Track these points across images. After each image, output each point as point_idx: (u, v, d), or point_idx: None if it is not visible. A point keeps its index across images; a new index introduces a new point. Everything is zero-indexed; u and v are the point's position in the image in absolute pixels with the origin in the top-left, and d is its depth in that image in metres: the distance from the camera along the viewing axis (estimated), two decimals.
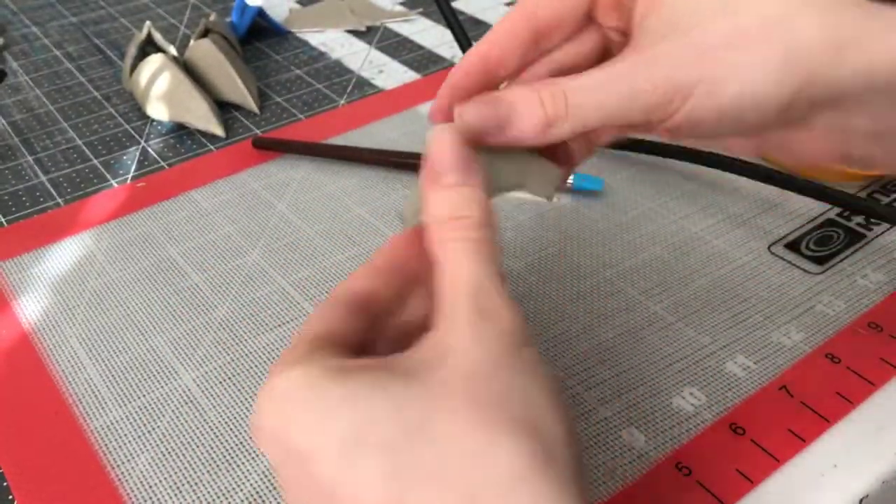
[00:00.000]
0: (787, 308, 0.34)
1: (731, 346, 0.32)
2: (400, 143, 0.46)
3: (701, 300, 0.35)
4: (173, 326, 0.34)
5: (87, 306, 0.36)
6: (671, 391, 0.31)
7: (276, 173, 0.44)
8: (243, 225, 0.40)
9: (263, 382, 0.21)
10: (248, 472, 0.28)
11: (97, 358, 0.33)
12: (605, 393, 0.31)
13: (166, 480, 0.28)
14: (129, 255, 0.38)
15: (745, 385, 0.31)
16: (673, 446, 0.29)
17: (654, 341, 0.33)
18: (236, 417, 0.30)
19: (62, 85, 0.55)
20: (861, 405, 0.30)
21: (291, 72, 0.55)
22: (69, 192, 0.44)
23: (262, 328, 0.34)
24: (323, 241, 0.39)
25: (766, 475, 0.27)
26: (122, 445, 0.29)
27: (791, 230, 0.38)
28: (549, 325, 0.34)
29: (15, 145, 0.48)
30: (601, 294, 0.35)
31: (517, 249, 0.38)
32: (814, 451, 0.28)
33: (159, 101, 0.48)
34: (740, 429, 0.29)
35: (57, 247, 0.39)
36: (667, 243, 0.38)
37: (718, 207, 0.40)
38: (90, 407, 0.31)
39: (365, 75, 0.54)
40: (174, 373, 0.32)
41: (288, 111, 0.50)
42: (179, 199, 0.42)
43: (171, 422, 0.30)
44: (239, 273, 0.37)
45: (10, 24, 0.64)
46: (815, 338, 0.33)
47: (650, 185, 0.42)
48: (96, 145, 0.48)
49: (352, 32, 0.61)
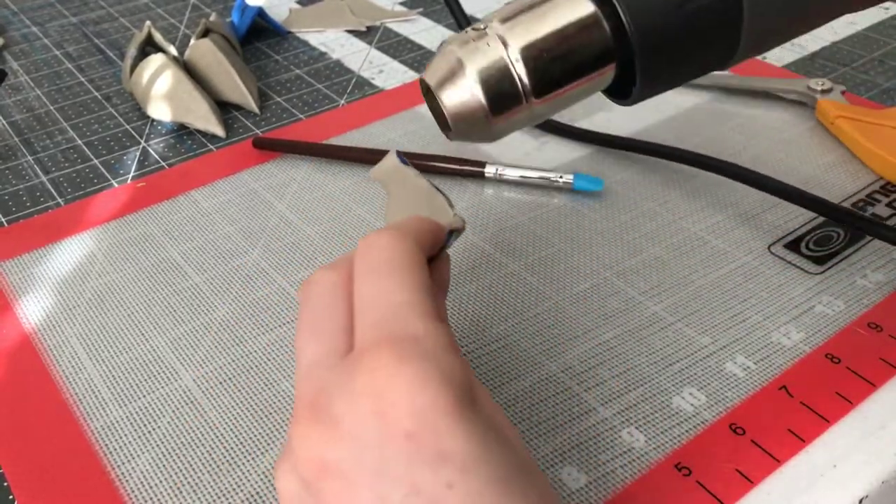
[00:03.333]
0: (786, 308, 0.34)
1: (731, 347, 0.32)
2: (400, 143, 0.46)
3: (701, 300, 0.35)
4: (174, 327, 0.34)
5: (87, 306, 0.36)
6: (671, 391, 0.31)
7: (276, 173, 0.44)
8: (243, 225, 0.40)
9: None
10: (248, 472, 0.28)
11: (97, 358, 0.33)
12: (605, 393, 0.31)
13: (166, 481, 0.28)
14: (130, 255, 0.39)
15: (744, 385, 0.31)
16: (673, 446, 0.29)
17: (653, 341, 0.33)
18: (237, 418, 0.30)
19: (62, 85, 0.55)
20: (861, 405, 0.30)
21: (291, 72, 0.55)
22: (69, 192, 0.44)
23: (262, 328, 0.34)
24: (323, 241, 0.39)
25: (766, 475, 0.27)
26: (122, 446, 0.30)
27: (791, 230, 0.38)
28: (548, 325, 0.34)
29: (15, 145, 0.48)
30: (601, 294, 0.35)
31: (517, 249, 0.38)
32: (814, 451, 0.28)
33: (160, 101, 0.48)
34: (740, 429, 0.29)
35: (57, 247, 0.39)
36: (667, 243, 0.38)
37: (718, 207, 0.40)
38: (90, 407, 0.31)
39: (365, 75, 0.54)
40: (175, 373, 0.32)
41: (288, 111, 0.50)
42: (179, 199, 0.42)
43: (172, 422, 0.30)
44: (239, 273, 0.37)
45: (10, 24, 0.64)
46: (814, 338, 0.33)
47: (650, 185, 0.42)
48: (96, 145, 0.48)
49: (352, 32, 0.61)
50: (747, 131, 0.46)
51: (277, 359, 0.33)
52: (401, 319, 0.21)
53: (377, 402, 0.19)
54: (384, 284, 0.22)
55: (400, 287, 0.22)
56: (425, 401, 0.19)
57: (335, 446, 0.19)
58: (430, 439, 0.19)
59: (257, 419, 0.30)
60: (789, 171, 0.42)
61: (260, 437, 0.30)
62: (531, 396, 0.31)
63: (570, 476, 0.28)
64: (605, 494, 0.27)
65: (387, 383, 0.19)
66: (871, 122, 0.43)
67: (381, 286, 0.22)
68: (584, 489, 0.27)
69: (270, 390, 0.31)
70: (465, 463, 0.19)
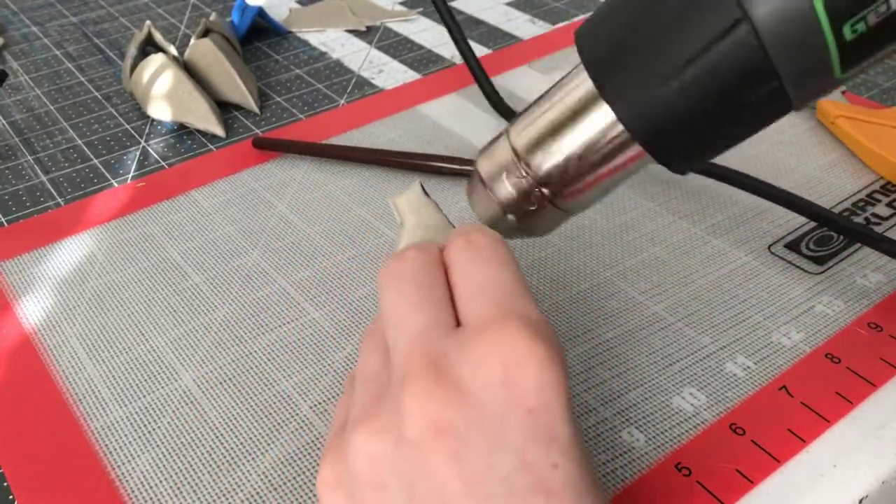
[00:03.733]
0: (786, 308, 0.34)
1: (731, 347, 0.32)
2: (400, 143, 0.46)
3: (701, 300, 0.35)
4: (174, 327, 0.34)
5: (87, 306, 0.36)
6: (671, 391, 0.31)
7: (276, 173, 0.44)
8: (243, 225, 0.40)
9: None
10: (248, 472, 0.28)
11: (98, 358, 0.33)
12: (605, 393, 0.31)
13: (167, 481, 0.28)
14: (130, 255, 0.39)
15: (744, 385, 0.31)
16: (673, 446, 0.29)
17: (653, 341, 0.33)
18: (237, 418, 0.30)
19: (62, 85, 0.55)
20: (861, 405, 0.30)
21: (291, 72, 0.55)
22: (69, 192, 0.44)
23: (262, 329, 0.34)
24: (323, 241, 0.39)
25: (766, 475, 0.27)
26: (122, 446, 0.30)
27: (791, 230, 0.38)
28: None
29: (15, 145, 0.48)
30: (601, 294, 0.35)
31: (517, 250, 0.38)
32: (813, 451, 0.28)
33: (160, 100, 0.48)
34: (740, 429, 0.29)
35: (57, 247, 0.39)
36: (667, 243, 0.38)
37: (718, 207, 0.40)
38: (90, 407, 0.31)
39: (365, 75, 0.54)
40: (175, 373, 0.32)
41: (288, 111, 0.50)
42: (180, 199, 0.42)
43: (172, 422, 0.30)
44: (239, 273, 0.37)
45: (10, 24, 0.64)
46: (814, 338, 0.33)
47: (650, 184, 0.42)
48: (96, 145, 0.48)
49: (352, 32, 0.61)
50: None
51: (277, 359, 0.33)
52: (520, 302, 0.21)
53: (507, 373, 0.20)
54: (494, 271, 0.22)
55: (512, 277, 0.22)
56: (550, 380, 0.20)
57: (456, 407, 0.19)
58: (547, 418, 0.19)
59: (257, 419, 0.30)
60: (789, 171, 0.42)
61: (260, 437, 0.30)
62: None
63: None
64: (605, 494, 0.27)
65: (519, 356, 0.20)
66: (871, 122, 0.43)
67: (491, 272, 0.22)
68: None
69: (270, 390, 0.31)
70: (569, 447, 0.19)
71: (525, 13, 0.63)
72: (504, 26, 0.61)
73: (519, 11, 0.63)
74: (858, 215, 0.39)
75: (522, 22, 0.61)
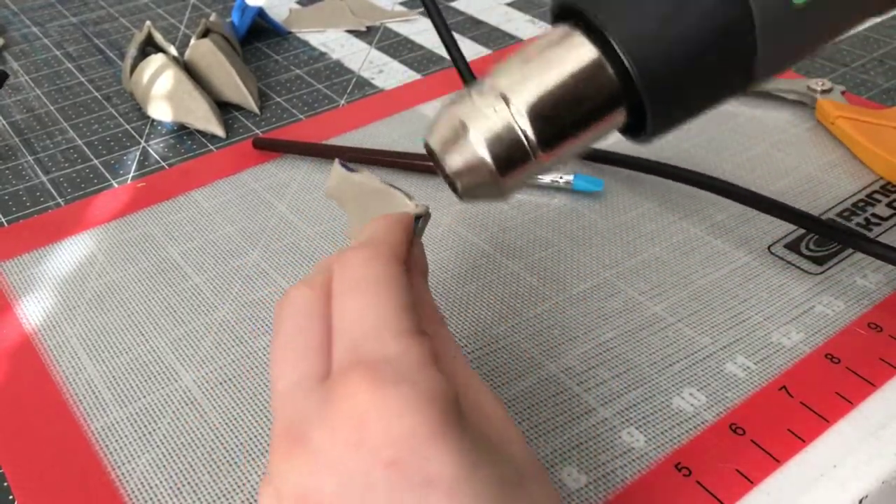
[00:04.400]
0: (786, 308, 0.34)
1: (731, 347, 0.32)
2: (400, 143, 0.46)
3: (701, 300, 0.35)
4: (174, 327, 0.34)
5: (87, 307, 0.36)
6: (671, 391, 0.31)
7: (276, 173, 0.44)
8: (244, 225, 0.40)
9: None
10: (248, 473, 0.28)
11: (98, 359, 0.33)
12: (605, 393, 0.31)
13: (167, 481, 0.28)
14: (130, 255, 0.39)
15: (744, 385, 0.31)
16: (673, 447, 0.29)
17: (653, 342, 0.33)
18: (237, 418, 0.30)
19: (62, 85, 0.55)
20: (861, 405, 0.30)
21: (291, 72, 0.55)
22: (69, 192, 0.44)
23: (262, 329, 0.34)
24: (323, 241, 0.39)
25: (765, 475, 0.27)
26: (122, 446, 0.30)
27: (791, 230, 0.38)
28: (548, 326, 0.34)
29: (15, 145, 0.48)
30: (601, 295, 0.35)
31: (517, 250, 0.38)
32: (813, 452, 0.28)
33: (160, 101, 0.48)
34: (740, 429, 0.29)
35: (57, 247, 0.39)
36: (667, 243, 0.38)
37: (718, 207, 0.40)
38: (91, 408, 0.31)
39: (365, 75, 0.54)
40: (175, 374, 0.32)
41: (288, 111, 0.51)
42: (180, 199, 0.42)
43: (172, 423, 0.30)
44: (239, 274, 0.37)
45: (10, 24, 0.64)
46: (814, 338, 0.33)
47: (650, 185, 0.42)
48: (96, 145, 0.48)
49: (352, 32, 0.61)
50: (747, 131, 0.46)
51: None
52: (374, 340, 0.20)
53: (355, 432, 0.19)
54: (360, 303, 0.21)
55: (375, 305, 0.21)
56: (404, 426, 0.18)
57: (316, 476, 0.19)
58: (415, 465, 0.18)
59: (257, 419, 0.30)
60: (789, 171, 0.42)
61: (260, 437, 0.30)
62: (531, 397, 0.31)
63: (570, 476, 0.28)
64: (605, 494, 0.27)
65: (363, 411, 0.19)
66: (871, 122, 0.43)
67: (357, 305, 0.21)
68: (584, 489, 0.27)
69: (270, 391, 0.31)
70: (452, 487, 0.18)
71: (525, 13, 0.63)
72: (504, 26, 0.61)
73: (519, 12, 0.63)
74: (858, 215, 0.39)
75: (522, 22, 0.61)
